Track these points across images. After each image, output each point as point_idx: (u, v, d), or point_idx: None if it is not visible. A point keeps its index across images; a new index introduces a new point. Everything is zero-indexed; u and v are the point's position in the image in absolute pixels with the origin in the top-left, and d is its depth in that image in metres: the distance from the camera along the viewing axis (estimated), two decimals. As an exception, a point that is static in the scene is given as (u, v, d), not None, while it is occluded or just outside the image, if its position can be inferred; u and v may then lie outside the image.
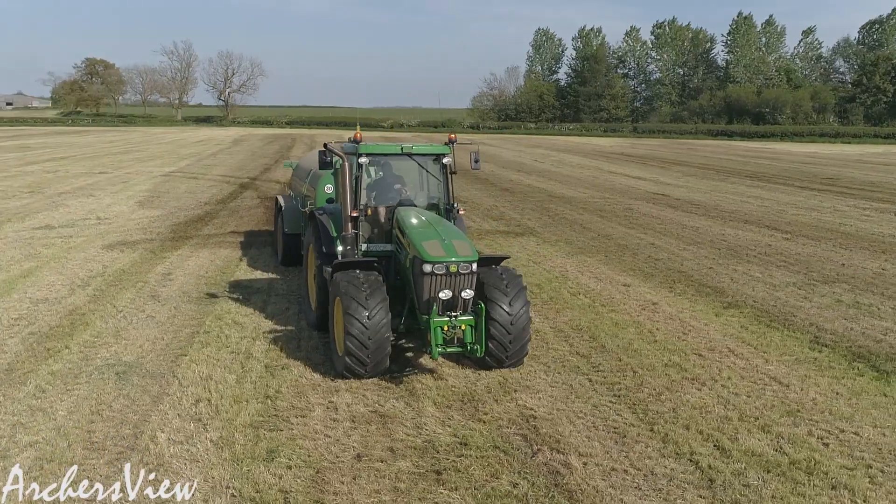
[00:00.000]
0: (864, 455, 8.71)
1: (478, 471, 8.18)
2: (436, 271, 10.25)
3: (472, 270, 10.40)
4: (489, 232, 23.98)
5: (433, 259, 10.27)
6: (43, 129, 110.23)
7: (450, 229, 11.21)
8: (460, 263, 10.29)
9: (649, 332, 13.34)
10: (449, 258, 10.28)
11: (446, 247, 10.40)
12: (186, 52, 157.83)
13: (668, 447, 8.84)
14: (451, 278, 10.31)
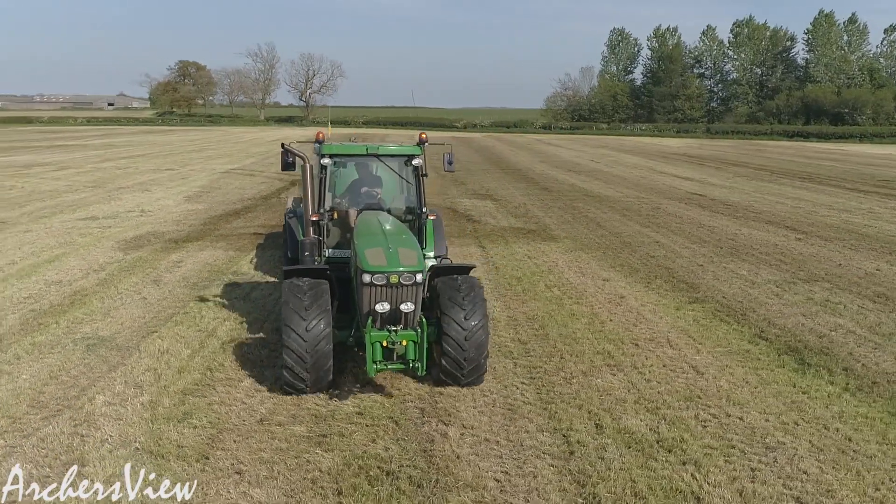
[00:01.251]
0: (733, 437, 9.15)
1: (361, 437, 8.99)
2: (375, 282, 9.56)
3: (416, 282, 9.63)
4: (502, 228, 24.65)
5: (372, 268, 9.60)
6: (133, 129, 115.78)
7: (401, 237, 10.54)
8: (402, 274, 9.56)
9: (600, 322, 13.87)
10: (390, 268, 9.59)
11: (390, 256, 9.74)
12: (270, 54, 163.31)
13: (549, 423, 9.47)
14: (393, 290, 9.59)
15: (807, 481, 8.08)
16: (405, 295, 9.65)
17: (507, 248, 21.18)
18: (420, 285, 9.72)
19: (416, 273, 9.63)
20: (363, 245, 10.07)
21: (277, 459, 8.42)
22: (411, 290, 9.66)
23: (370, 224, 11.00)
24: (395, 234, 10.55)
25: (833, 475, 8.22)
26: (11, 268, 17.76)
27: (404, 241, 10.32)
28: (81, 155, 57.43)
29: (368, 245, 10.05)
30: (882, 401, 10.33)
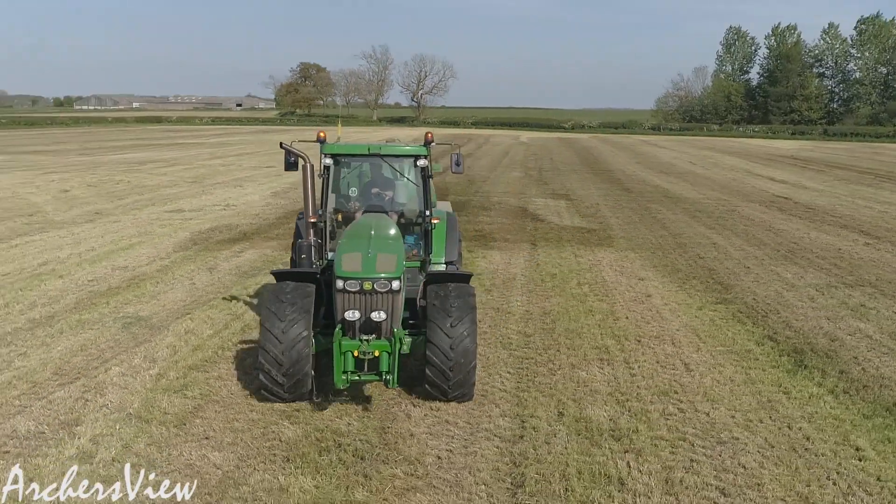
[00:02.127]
0: (689, 430, 9.30)
1: (330, 413, 9.63)
2: (348, 288, 9.23)
3: (392, 289, 9.25)
4: (562, 227, 24.84)
5: (345, 274, 9.25)
6: (252, 128, 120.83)
7: (387, 242, 9.93)
8: (377, 281, 9.19)
9: (614, 319, 14.06)
10: (364, 274, 9.20)
11: (367, 261, 9.32)
12: (383, 56, 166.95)
13: (514, 409, 9.86)
14: (366, 297, 9.25)
15: (740, 475, 8.20)
16: (379, 303, 9.25)
17: (557, 246, 21.42)
18: (396, 293, 9.31)
19: (391, 280, 9.23)
20: (342, 249, 9.67)
21: (246, 429, 9.18)
22: (386, 298, 9.28)
23: (360, 227, 10.48)
24: (381, 239, 9.93)
25: (769, 471, 8.29)
26: (89, 254, 19.40)
27: (388, 247, 9.72)
28: (195, 153, 60.71)
29: (347, 249, 9.60)
30: (863, 404, 10.19)
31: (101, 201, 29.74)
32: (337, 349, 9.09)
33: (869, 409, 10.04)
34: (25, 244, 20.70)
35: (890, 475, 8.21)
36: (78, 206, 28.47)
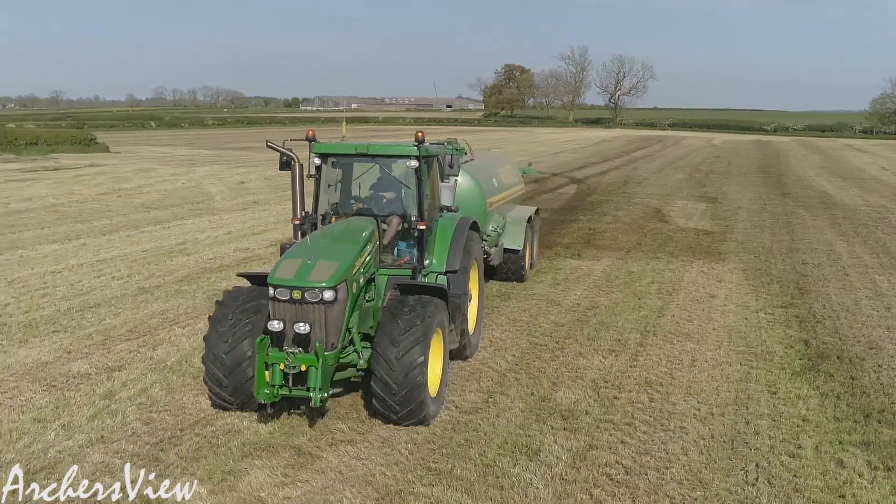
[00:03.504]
0: (641, 417, 9.63)
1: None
2: (278, 296, 8.65)
3: (323, 299, 8.55)
4: (681, 229, 24.60)
5: (275, 281, 8.69)
6: (448, 128, 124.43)
7: (337, 248, 9.30)
8: (306, 290, 8.54)
9: (657, 316, 14.26)
10: (294, 282, 8.59)
11: (302, 269, 8.72)
12: (582, 57, 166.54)
13: (489, 386, 10.63)
14: (296, 306, 8.64)
15: (656, 458, 8.52)
16: (308, 314, 8.63)
17: (660, 246, 21.43)
18: (329, 304, 8.61)
19: (322, 290, 8.55)
20: (286, 255, 9.25)
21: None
22: (316, 309, 8.63)
23: (323, 232, 10.14)
24: (332, 246, 9.38)
25: (687, 458, 8.53)
26: (223, 237, 21.93)
27: (333, 254, 9.04)
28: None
29: (291, 255, 9.15)
30: (846, 409, 9.96)
31: (266, 192, 32.83)
32: (259, 360, 8.51)
33: (845, 413, 9.85)
34: (177, 226, 23.67)
35: (810, 474, 8.21)
36: (243, 196, 31.69)
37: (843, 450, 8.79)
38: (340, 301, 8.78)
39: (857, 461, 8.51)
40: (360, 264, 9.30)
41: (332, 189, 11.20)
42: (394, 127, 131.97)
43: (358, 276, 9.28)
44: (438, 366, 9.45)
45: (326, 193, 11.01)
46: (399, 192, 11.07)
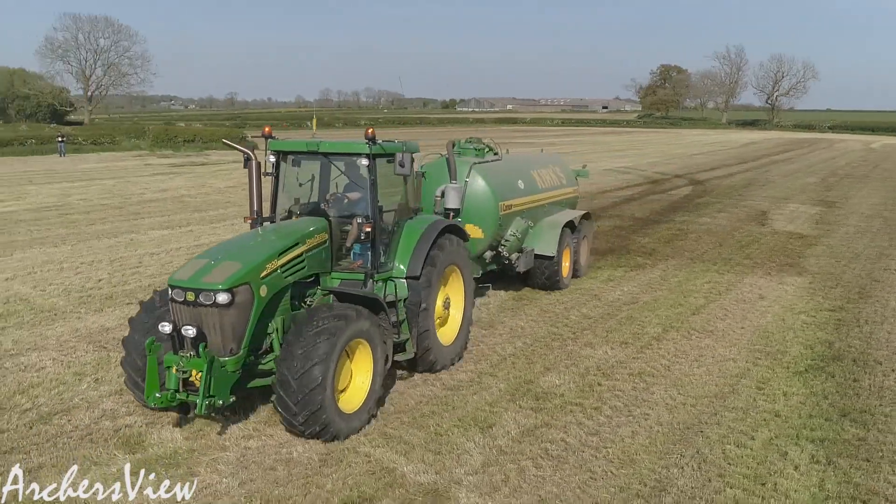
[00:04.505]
0: (611, 403, 9.99)
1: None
2: (175, 297, 8.36)
3: (217, 302, 8.15)
4: (775, 232, 23.97)
5: (173, 282, 8.40)
6: (593, 130, 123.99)
7: (247, 249, 8.88)
8: (200, 292, 8.18)
9: (692, 313, 14.32)
10: (189, 284, 8.26)
11: (202, 269, 8.40)
12: (738, 57, 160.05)
13: (485, 368, 11.26)
14: (191, 308, 8.29)
15: (602, 439, 8.93)
16: (202, 317, 8.28)
17: (740, 249, 21.09)
18: (225, 307, 8.21)
19: (216, 293, 8.14)
20: (198, 255, 9.05)
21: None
22: (212, 312, 8.24)
23: (254, 231, 9.92)
24: (248, 246, 9.03)
25: (630, 441, 8.89)
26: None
27: (241, 255, 8.68)
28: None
29: (202, 255, 8.90)
30: (828, 408, 9.89)
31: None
32: (150, 363, 8.21)
33: (822, 411, 9.79)
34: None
35: (744, 462, 8.36)
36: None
37: (794, 444, 8.85)
38: (240, 305, 8.29)
39: (802, 455, 8.57)
40: (277, 266, 8.77)
41: (293, 188, 10.80)
42: (540, 127, 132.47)
43: (276, 278, 8.74)
44: (364, 379, 8.99)
45: (287, 192, 10.65)
46: (355, 192, 10.56)
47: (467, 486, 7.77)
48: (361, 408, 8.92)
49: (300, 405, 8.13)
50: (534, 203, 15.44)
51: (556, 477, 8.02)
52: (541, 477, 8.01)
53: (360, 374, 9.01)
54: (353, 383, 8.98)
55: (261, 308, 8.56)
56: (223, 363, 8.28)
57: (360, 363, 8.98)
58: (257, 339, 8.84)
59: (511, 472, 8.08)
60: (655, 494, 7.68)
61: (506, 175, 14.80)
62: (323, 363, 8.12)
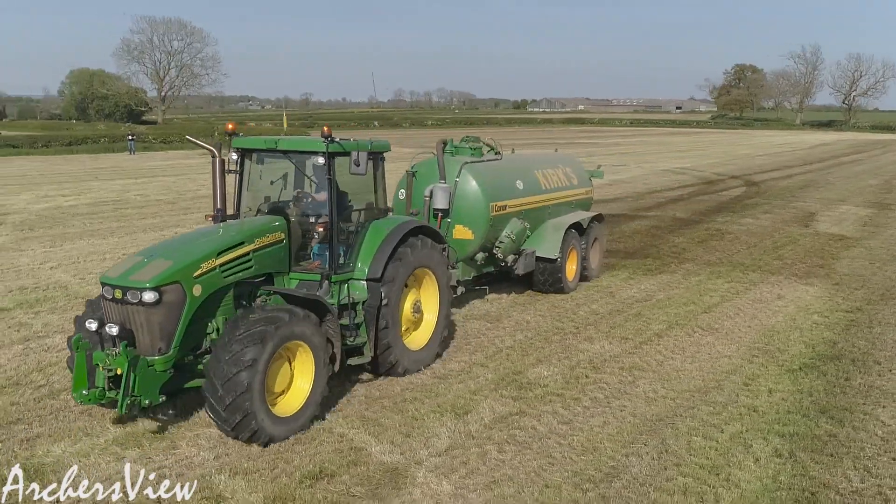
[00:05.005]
0: (593, 395, 10.20)
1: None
2: (104, 295, 8.34)
3: (143, 301, 8.06)
4: (817, 233, 23.60)
5: (101, 279, 8.42)
6: (661, 130, 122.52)
7: (184, 248, 8.84)
8: (127, 290, 8.13)
9: (703, 311, 14.38)
10: (118, 281, 8.23)
11: (133, 267, 8.40)
12: (813, 56, 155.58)
13: (478, 359, 11.61)
14: (119, 306, 8.24)
15: (570, 426, 9.18)
16: (131, 315, 8.22)
17: (773, 250, 20.89)
18: (151, 306, 8.11)
19: (142, 291, 8.07)
20: (137, 252, 9.16)
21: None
22: (139, 311, 8.16)
23: (200, 229, 9.97)
24: (186, 244, 9.03)
25: (592, 430, 9.09)
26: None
27: (177, 253, 8.65)
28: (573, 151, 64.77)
29: (140, 252, 8.97)
30: (811, 405, 9.90)
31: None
32: (77, 360, 8.20)
33: (801, 407, 9.81)
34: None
35: (704, 453, 8.48)
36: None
37: (762, 438, 8.92)
38: (168, 304, 8.19)
39: (766, 448, 8.65)
40: (216, 265, 8.62)
41: (264, 186, 10.75)
42: (607, 128, 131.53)
43: (213, 277, 8.58)
44: (305, 382, 8.83)
45: (256, 190, 10.59)
46: (322, 192, 10.29)
47: (427, 467, 8.12)
48: (301, 411, 8.72)
49: (228, 411, 7.94)
50: (535, 204, 15.07)
51: (514, 461, 8.30)
52: (500, 461, 8.31)
53: (301, 378, 8.81)
54: (295, 386, 8.80)
55: (194, 308, 8.40)
56: (151, 362, 8.15)
57: (302, 366, 8.79)
58: (196, 339, 8.71)
59: (472, 456, 8.39)
60: (607, 480, 7.91)
61: (501, 175, 14.46)
62: (250, 369, 7.89)
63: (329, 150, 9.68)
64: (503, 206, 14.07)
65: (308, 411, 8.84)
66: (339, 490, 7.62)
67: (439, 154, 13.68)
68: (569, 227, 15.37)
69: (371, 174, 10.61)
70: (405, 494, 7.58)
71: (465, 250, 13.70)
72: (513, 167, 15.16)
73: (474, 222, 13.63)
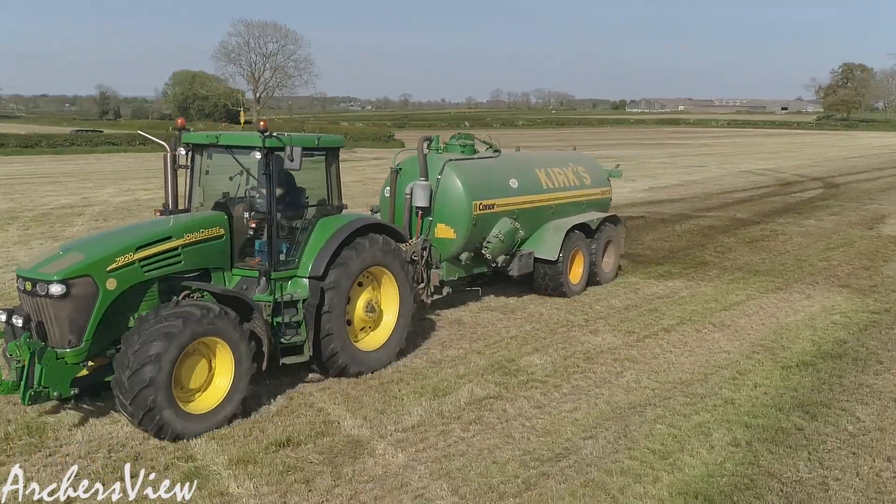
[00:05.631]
0: (575, 384, 10.50)
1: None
2: (19, 286, 8.49)
3: (50, 293, 8.09)
4: (870, 237, 22.92)
5: (17, 271, 8.65)
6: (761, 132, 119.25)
7: (100, 242, 9.11)
8: (37, 282, 8.21)
9: (721, 309, 14.39)
10: (29, 273, 8.37)
11: (46, 259, 8.55)
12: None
13: (475, 346, 12.06)
14: (31, 298, 8.30)
15: (544, 411, 9.51)
16: (41, 307, 8.28)
17: (823, 251, 20.48)
18: (59, 298, 8.12)
19: (49, 283, 8.11)
20: (61, 246, 9.30)
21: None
22: (48, 304, 8.20)
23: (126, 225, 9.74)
24: (105, 238, 9.30)
25: (564, 415, 9.43)
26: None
27: (91, 247, 8.78)
28: (659, 152, 64.00)
29: (62, 246, 9.12)
30: (791, 400, 9.90)
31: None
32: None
33: (780, 402, 9.81)
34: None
35: (660, 440, 8.67)
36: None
37: (725, 427, 9.04)
38: (78, 297, 8.18)
39: (726, 437, 8.77)
40: (134, 259, 8.61)
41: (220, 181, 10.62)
42: (702, 129, 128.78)
43: (130, 272, 8.57)
44: (223, 381, 8.80)
45: (204, 185, 10.54)
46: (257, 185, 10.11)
47: (389, 441, 8.61)
48: (217, 409, 8.70)
49: (133, 405, 8.00)
50: (532, 203, 14.61)
51: (473, 439, 8.70)
52: (460, 438, 8.72)
53: (220, 376, 8.80)
54: (214, 384, 8.80)
55: (107, 301, 8.36)
56: (60, 355, 8.19)
57: (222, 364, 8.76)
58: (118, 332, 8.63)
59: (435, 433, 8.84)
60: (555, 459, 8.22)
61: (490, 173, 14.11)
62: (154, 363, 7.93)
63: (266, 146, 9.50)
64: (490, 204, 13.64)
65: (226, 409, 8.76)
66: (299, 456, 8.19)
67: (420, 151, 13.43)
68: (573, 228, 14.97)
69: (324, 170, 10.57)
70: (359, 463, 8.08)
71: (447, 250, 13.40)
72: (508, 166, 14.72)
73: (456, 221, 13.26)
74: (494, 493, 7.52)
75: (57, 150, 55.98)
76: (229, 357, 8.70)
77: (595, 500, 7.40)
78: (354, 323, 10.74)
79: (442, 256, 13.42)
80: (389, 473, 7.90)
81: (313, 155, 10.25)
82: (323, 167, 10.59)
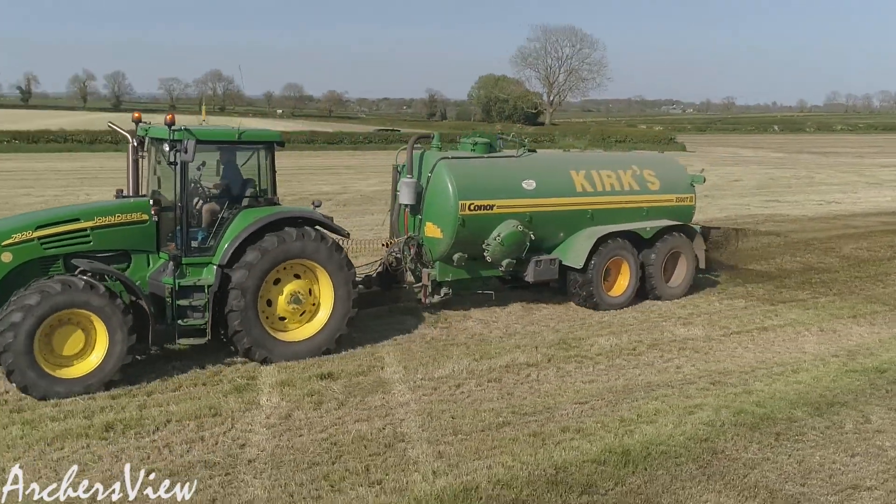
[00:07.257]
0: (567, 381, 10.84)
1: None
2: None
3: None
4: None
5: None
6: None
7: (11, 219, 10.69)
8: None
9: (755, 329, 13.27)
10: None
11: None
12: None
13: (476, 346, 11.88)
14: None
15: (504, 403, 9.71)
16: None
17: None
18: None
19: None
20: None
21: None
22: None
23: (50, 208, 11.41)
24: (15, 217, 10.74)
25: (527, 408, 9.57)
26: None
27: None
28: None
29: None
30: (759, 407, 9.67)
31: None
32: None
33: (795, 397, 9.97)
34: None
35: (610, 429, 8.91)
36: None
37: (713, 410, 9.43)
38: None
39: (703, 416, 9.25)
40: (33, 237, 9.65)
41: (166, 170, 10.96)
42: None
43: (28, 248, 9.60)
44: (97, 352, 9.53)
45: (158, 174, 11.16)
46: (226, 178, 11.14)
47: (409, 385, 10.13)
48: (92, 373, 9.45)
49: (1, 364, 9.09)
50: (555, 207, 13.76)
51: (478, 391, 10.01)
52: (468, 391, 10.00)
53: (98, 344, 9.53)
54: (89, 353, 9.54)
55: (3, 272, 9.47)
56: None
57: (100, 335, 9.50)
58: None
59: (452, 384, 10.19)
60: (530, 415, 9.27)
61: (494, 173, 13.57)
62: (11, 330, 8.89)
63: (174, 138, 10.11)
64: (487, 205, 13.01)
65: (98, 375, 9.48)
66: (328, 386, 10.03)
67: (409, 148, 13.54)
68: (615, 235, 14.04)
69: (260, 164, 11.08)
70: (369, 397, 9.74)
71: (436, 249, 13.15)
72: (527, 166, 13.97)
73: (442, 220, 12.94)
74: (454, 430, 8.80)
75: (357, 146, 62.51)
76: (103, 329, 9.47)
77: (528, 447, 8.40)
78: (276, 311, 10.99)
79: (433, 256, 13.26)
80: (385, 405, 9.49)
81: (240, 148, 11.07)
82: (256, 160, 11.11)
